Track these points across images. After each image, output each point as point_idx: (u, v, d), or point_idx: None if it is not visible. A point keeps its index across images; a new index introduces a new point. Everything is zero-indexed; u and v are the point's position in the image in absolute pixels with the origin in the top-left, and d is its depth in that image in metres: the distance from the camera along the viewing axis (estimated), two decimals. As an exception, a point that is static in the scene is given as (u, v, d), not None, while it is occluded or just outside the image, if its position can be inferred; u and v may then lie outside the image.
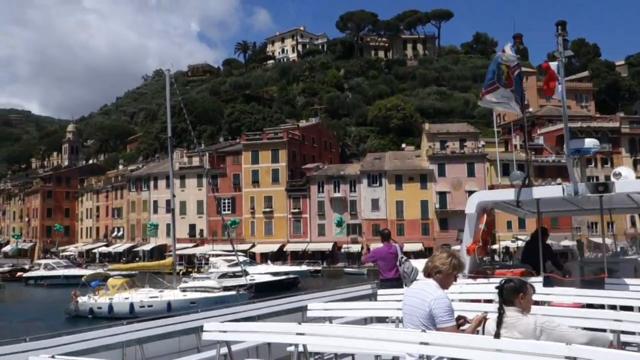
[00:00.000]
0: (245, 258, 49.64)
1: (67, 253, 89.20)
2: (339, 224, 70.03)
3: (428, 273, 4.37)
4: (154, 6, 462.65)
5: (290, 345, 5.54)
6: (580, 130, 74.46)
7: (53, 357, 4.02)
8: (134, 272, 37.72)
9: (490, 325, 4.04)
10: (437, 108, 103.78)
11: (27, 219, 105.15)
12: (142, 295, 31.47)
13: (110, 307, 30.58)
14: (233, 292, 31.30)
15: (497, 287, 4.17)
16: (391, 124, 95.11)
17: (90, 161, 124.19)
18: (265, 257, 68.81)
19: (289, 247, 71.83)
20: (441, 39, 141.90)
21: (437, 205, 69.53)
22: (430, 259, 4.46)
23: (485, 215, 8.46)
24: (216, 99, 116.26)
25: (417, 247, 68.26)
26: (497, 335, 3.83)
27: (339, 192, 71.86)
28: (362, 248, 70.23)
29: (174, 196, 34.85)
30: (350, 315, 7.71)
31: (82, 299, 31.33)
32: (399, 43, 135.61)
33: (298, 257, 69.00)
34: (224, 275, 41.56)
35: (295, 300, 8.40)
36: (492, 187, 69.79)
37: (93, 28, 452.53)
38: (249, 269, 41.67)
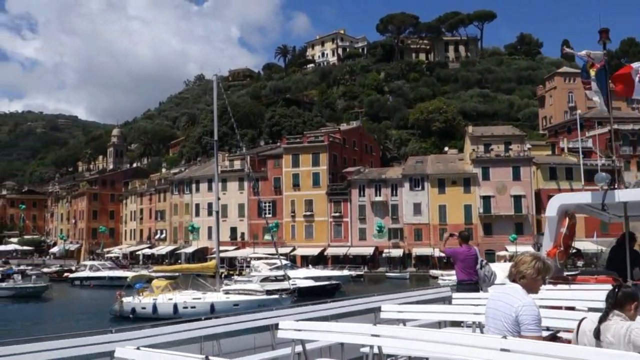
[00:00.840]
0: (286, 262, 49.34)
1: (112, 255, 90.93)
2: (380, 228, 69.33)
3: (512, 279, 4.12)
4: (196, 13, 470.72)
5: (364, 346, 5.58)
6: (632, 133, 71.90)
7: (138, 348, 4.32)
8: (177, 274, 37.89)
9: (587, 325, 3.91)
10: (480, 111, 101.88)
11: (73, 221, 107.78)
12: (186, 297, 31.46)
13: (155, 307, 30.65)
14: (276, 296, 30.98)
15: (611, 291, 3.94)
16: (433, 127, 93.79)
17: (134, 164, 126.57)
18: (306, 261, 68.49)
19: (330, 251, 71.39)
20: (484, 40, 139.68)
21: (481, 210, 67.97)
22: (513, 264, 4.19)
23: (567, 219, 7.90)
24: (257, 103, 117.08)
25: (461, 252, 66.93)
26: (596, 333, 3.75)
27: (380, 196, 71.06)
28: (403, 253, 69.30)
29: (218, 199, 34.80)
30: (424, 318, 7.54)
31: (126, 300, 31.53)
32: (441, 45, 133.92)
33: (339, 261, 68.46)
34: (266, 279, 41.35)
35: (368, 302, 8.44)
36: (539, 192, 68.03)
37: (137, 35, 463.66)
38: (290, 272, 41.30)
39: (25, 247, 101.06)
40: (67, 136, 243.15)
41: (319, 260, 69.22)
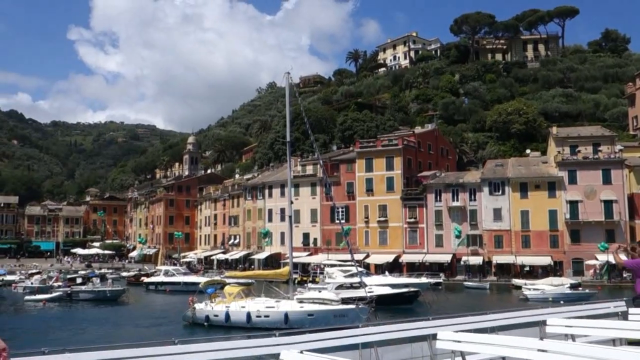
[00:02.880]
0: (361, 269, 47.55)
1: (187, 259, 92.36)
2: (458, 234, 66.30)
3: None
4: (268, 23, 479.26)
5: None
6: None
7: (302, 352, 4.68)
8: (250, 281, 37.04)
9: None
10: (563, 111, 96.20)
11: (151, 226, 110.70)
12: (259, 305, 30.44)
13: (227, 315, 29.83)
14: (353, 306, 29.33)
15: None
16: (512, 129, 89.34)
17: (209, 171, 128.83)
18: (380, 268, 66.47)
19: (405, 258, 68.97)
20: (565, 38, 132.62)
21: (568, 216, 63.54)
22: None
23: None
24: (328, 107, 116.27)
25: (545, 260, 62.93)
26: None
27: (457, 201, 68.03)
28: (483, 260, 65.90)
29: (291, 202, 33.63)
30: (596, 334, 7.06)
31: (199, 306, 30.86)
32: (519, 44, 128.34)
33: (414, 268, 65.91)
34: (340, 286, 39.79)
35: (531, 315, 8.23)
36: (632, 196, 62.88)
37: (212, 46, 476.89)
38: (365, 280, 39.53)
39: (106, 251, 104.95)
40: (146, 145, 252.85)
41: (394, 267, 66.99)
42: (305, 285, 46.96)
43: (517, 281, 57.61)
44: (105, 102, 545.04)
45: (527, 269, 63.72)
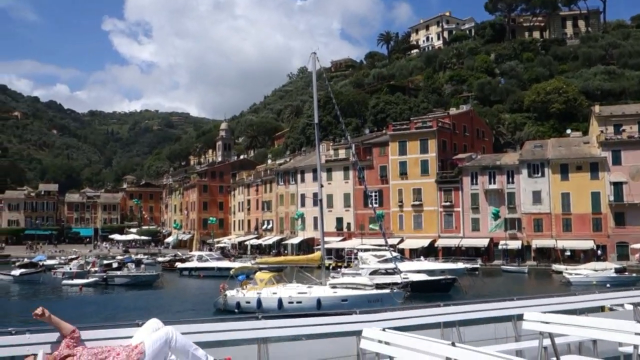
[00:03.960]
0: (396, 254, 46.53)
1: (221, 245, 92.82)
2: (495, 218, 64.53)
3: None
4: (298, 9, 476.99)
5: (624, 345, 5.24)
6: None
7: (384, 329, 4.92)
8: (282, 266, 36.49)
9: None
10: (606, 89, 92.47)
11: (186, 212, 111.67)
12: (291, 291, 29.84)
13: (259, 302, 29.32)
14: (387, 291, 28.47)
15: None
16: (551, 109, 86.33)
17: (241, 157, 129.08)
18: (415, 253, 65.35)
19: (440, 243, 67.59)
20: (607, 13, 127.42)
21: (612, 198, 61.09)
22: None
23: None
24: (360, 91, 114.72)
25: (588, 244, 60.76)
26: None
27: (494, 183, 66.17)
28: (522, 245, 64.06)
29: (321, 186, 32.80)
30: None
31: (230, 293, 30.46)
32: (557, 21, 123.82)
33: (450, 253, 64.57)
34: (375, 272, 38.91)
35: (622, 297, 7.97)
36: (680, 177, 60.01)
37: (243, 33, 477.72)
38: (400, 265, 38.54)
39: (143, 237, 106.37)
40: (180, 132, 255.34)
41: (429, 252, 65.73)
42: (339, 270, 46.27)
43: (557, 266, 55.78)
44: (141, 91, 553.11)
45: (568, 253, 61.59)
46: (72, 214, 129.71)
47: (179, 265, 62.03)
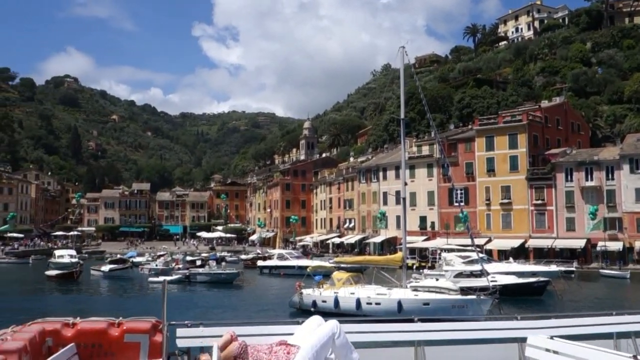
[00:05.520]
0: (482, 255, 43.95)
1: (303, 243, 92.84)
2: (593, 217, 59.88)
3: None
4: (383, 7, 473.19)
5: None
6: None
7: (551, 337, 4.71)
8: (363, 266, 35.22)
9: None
10: None
11: (269, 210, 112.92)
12: (369, 292, 28.55)
13: (336, 301, 28.30)
14: (473, 297, 26.50)
15: None
16: (656, 100, 79.40)
17: (324, 155, 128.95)
18: (504, 254, 61.96)
19: (532, 243, 63.64)
20: None
21: None
22: None
23: None
24: (445, 85, 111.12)
25: (702, 247, 54.93)
26: None
27: (591, 180, 61.46)
28: (623, 246, 59.04)
29: (405, 184, 31.17)
30: None
31: (306, 292, 29.62)
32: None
33: (542, 254, 60.60)
34: (459, 274, 36.77)
35: None
36: None
37: (328, 33, 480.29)
38: (487, 267, 36.20)
39: (228, 235, 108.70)
40: (265, 132, 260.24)
41: (519, 253, 62.03)
42: (421, 272, 44.36)
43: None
44: (229, 93, 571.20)
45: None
46: (163, 211, 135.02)
47: (259, 263, 62.27)
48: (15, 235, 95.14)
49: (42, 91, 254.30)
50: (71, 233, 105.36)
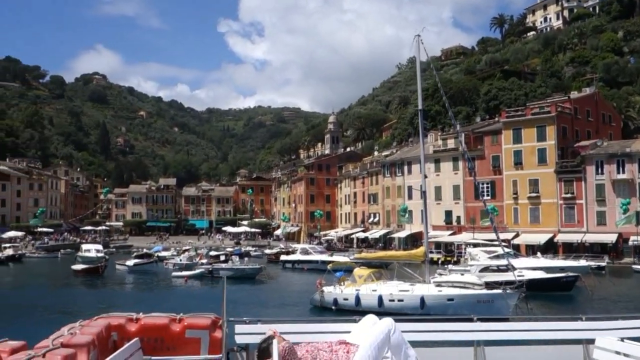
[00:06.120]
0: (508, 249, 42.96)
1: (328, 238, 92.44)
2: (625, 211, 58.08)
3: None
4: (408, 0, 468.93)
5: None
6: None
7: (622, 339, 4.59)
8: (386, 262, 34.63)
9: None
10: None
11: (293, 205, 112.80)
12: (392, 288, 28.00)
13: (358, 299, 27.80)
14: (499, 291, 25.77)
15: None
16: (692, 89, 76.82)
17: (348, 149, 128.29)
18: (532, 249, 60.64)
19: (561, 238, 62.13)
20: None
21: None
22: None
23: None
24: (471, 77, 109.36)
25: None
26: None
27: (623, 172, 59.65)
28: (657, 241, 57.11)
29: (425, 177, 30.46)
30: None
31: (327, 289, 29.20)
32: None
33: (572, 249, 59.15)
34: (485, 269, 35.93)
35: None
36: None
37: (352, 27, 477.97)
38: (514, 262, 35.28)
39: (253, 229, 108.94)
40: (291, 127, 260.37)
41: (548, 248, 60.65)
42: (446, 266, 43.58)
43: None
44: (254, 88, 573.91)
45: None
46: (189, 206, 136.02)
47: (282, 257, 62.10)
48: (45, 230, 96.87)
49: (71, 88, 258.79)
50: (99, 228, 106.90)
